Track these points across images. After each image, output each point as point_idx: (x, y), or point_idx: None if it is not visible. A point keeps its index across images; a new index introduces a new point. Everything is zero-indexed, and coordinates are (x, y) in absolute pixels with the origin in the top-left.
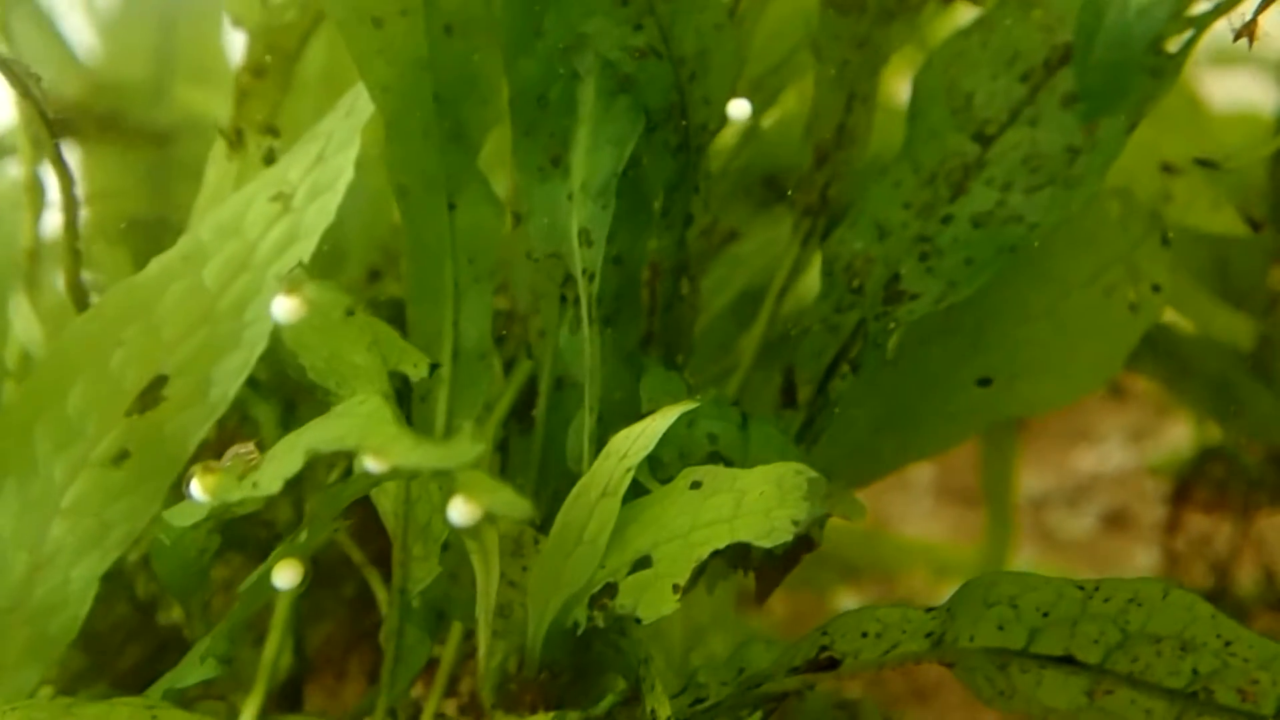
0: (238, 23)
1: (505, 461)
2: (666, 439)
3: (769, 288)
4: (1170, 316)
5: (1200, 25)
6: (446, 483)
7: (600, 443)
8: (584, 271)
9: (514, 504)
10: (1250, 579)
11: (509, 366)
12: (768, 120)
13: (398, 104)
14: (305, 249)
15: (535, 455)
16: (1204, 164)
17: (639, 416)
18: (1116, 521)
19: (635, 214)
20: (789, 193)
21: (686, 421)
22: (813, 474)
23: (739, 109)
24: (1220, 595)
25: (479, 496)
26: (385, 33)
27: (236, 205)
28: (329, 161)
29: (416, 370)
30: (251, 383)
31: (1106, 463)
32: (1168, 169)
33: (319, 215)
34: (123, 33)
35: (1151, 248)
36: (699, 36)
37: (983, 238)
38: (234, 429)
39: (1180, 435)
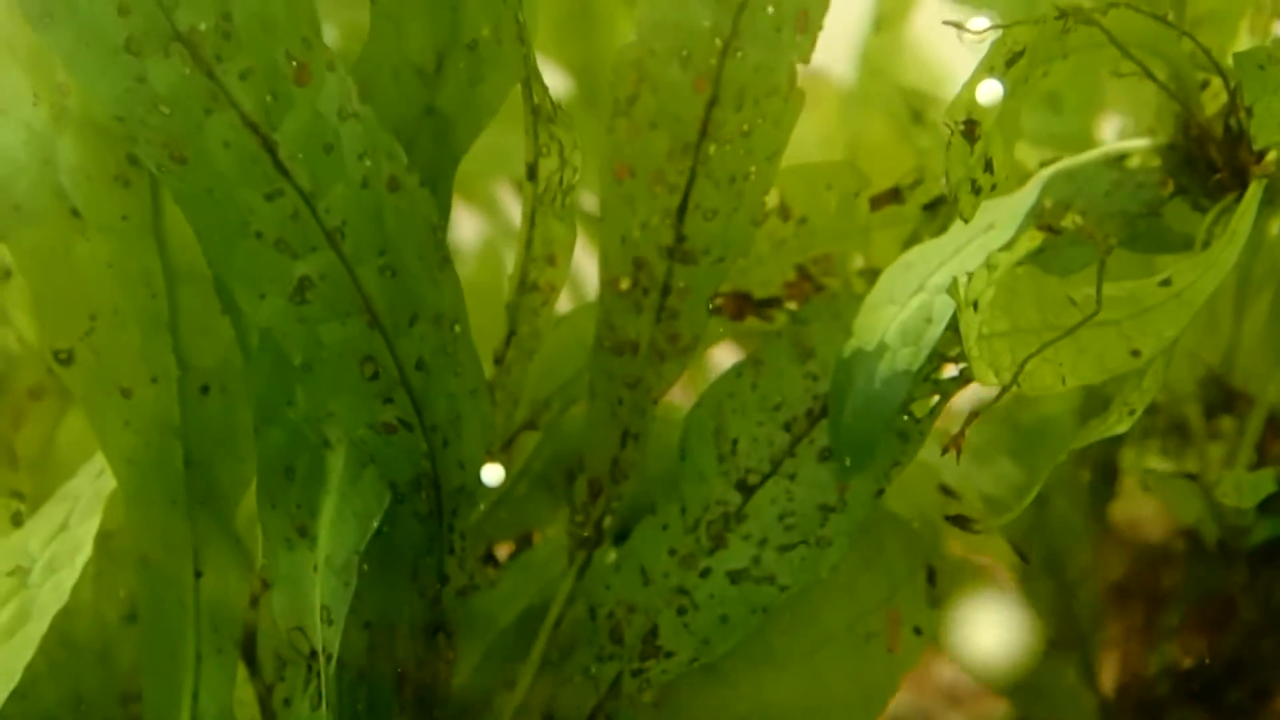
0: (19, 343)
1: None
2: None
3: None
4: None
5: (946, 391)
6: None
7: None
8: (323, 650)
9: None
10: None
11: None
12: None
13: (143, 474)
14: (37, 630)
15: None
16: (956, 522)
17: None
18: None
19: (386, 579)
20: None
21: None
22: None
23: (493, 474)
24: None
25: None
26: (133, 402)
27: None
28: (72, 531)
29: None
30: None
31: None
32: (947, 492)
33: (54, 594)
34: None
35: (916, 587)
36: (452, 403)
37: (737, 596)
38: None
39: None
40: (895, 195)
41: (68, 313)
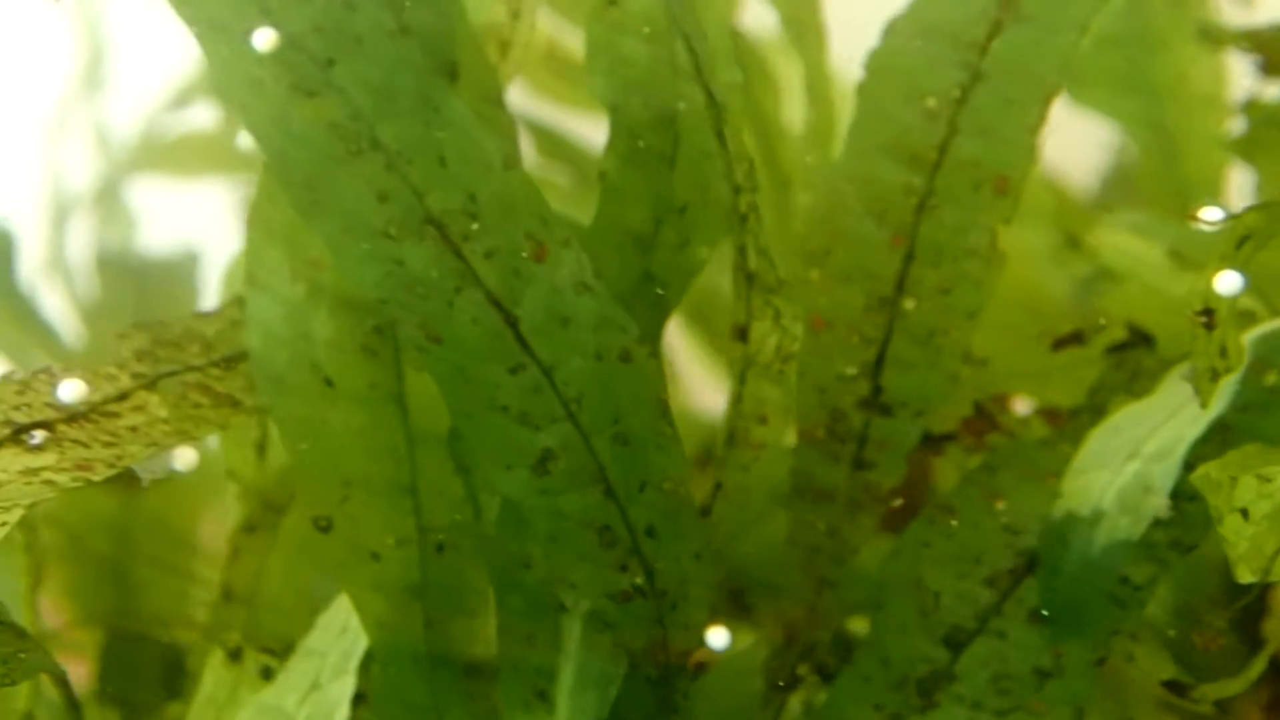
0: (232, 478)
1: None
2: None
3: None
4: None
5: (1164, 560)
6: None
7: None
8: None
9: None
10: None
11: None
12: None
13: (391, 637)
14: None
15: None
16: (1173, 689)
17: None
18: None
19: None
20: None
21: None
22: None
23: (719, 639)
24: None
25: None
26: (382, 566)
27: None
28: (325, 691)
29: None
30: None
31: None
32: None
33: None
34: (102, 324)
35: None
36: (679, 567)
37: None
38: None
39: None
40: (1078, 338)
41: (326, 481)
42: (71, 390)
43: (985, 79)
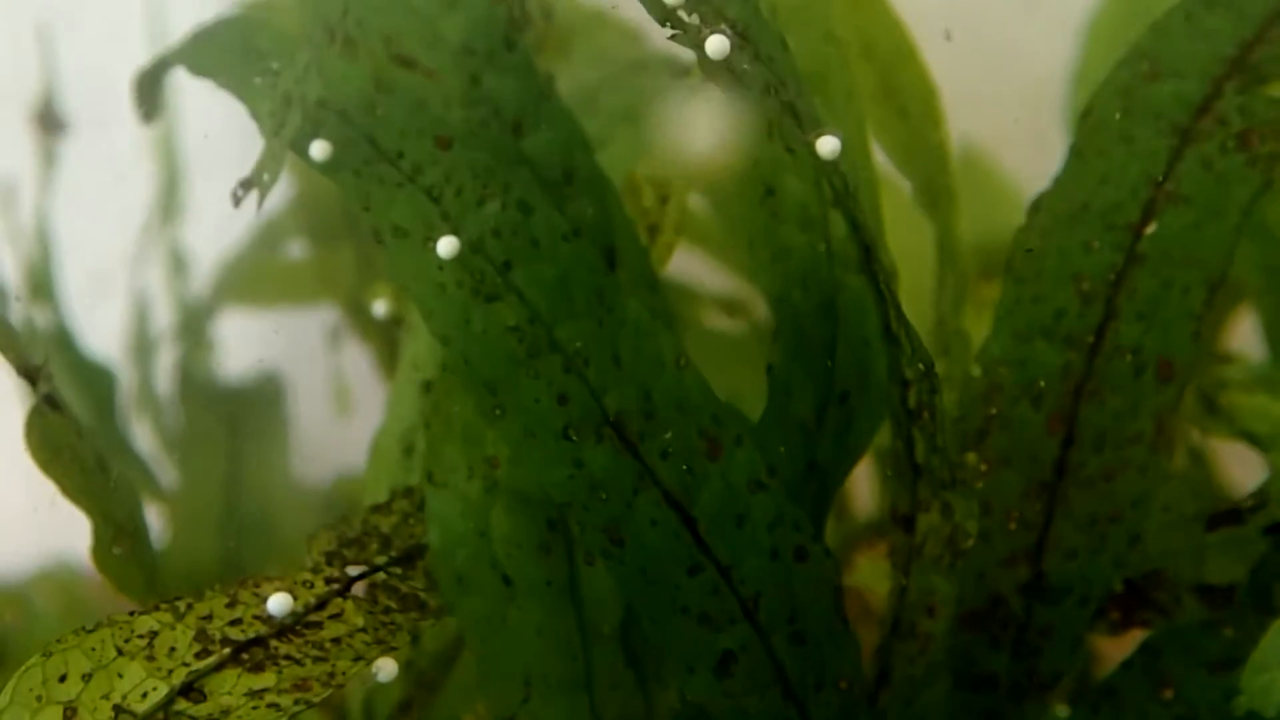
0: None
1: None
2: None
3: None
4: None
5: None
6: None
7: None
8: None
9: None
10: None
11: None
12: None
13: None
14: None
15: None
16: None
17: None
18: None
19: None
20: None
21: None
22: None
23: None
24: None
25: None
26: None
27: None
28: None
29: None
30: None
31: None
32: None
33: None
34: (190, 457)
35: None
36: None
37: None
38: None
39: None
40: (1234, 516)
41: (507, 680)
42: (281, 603)
43: (1142, 262)
